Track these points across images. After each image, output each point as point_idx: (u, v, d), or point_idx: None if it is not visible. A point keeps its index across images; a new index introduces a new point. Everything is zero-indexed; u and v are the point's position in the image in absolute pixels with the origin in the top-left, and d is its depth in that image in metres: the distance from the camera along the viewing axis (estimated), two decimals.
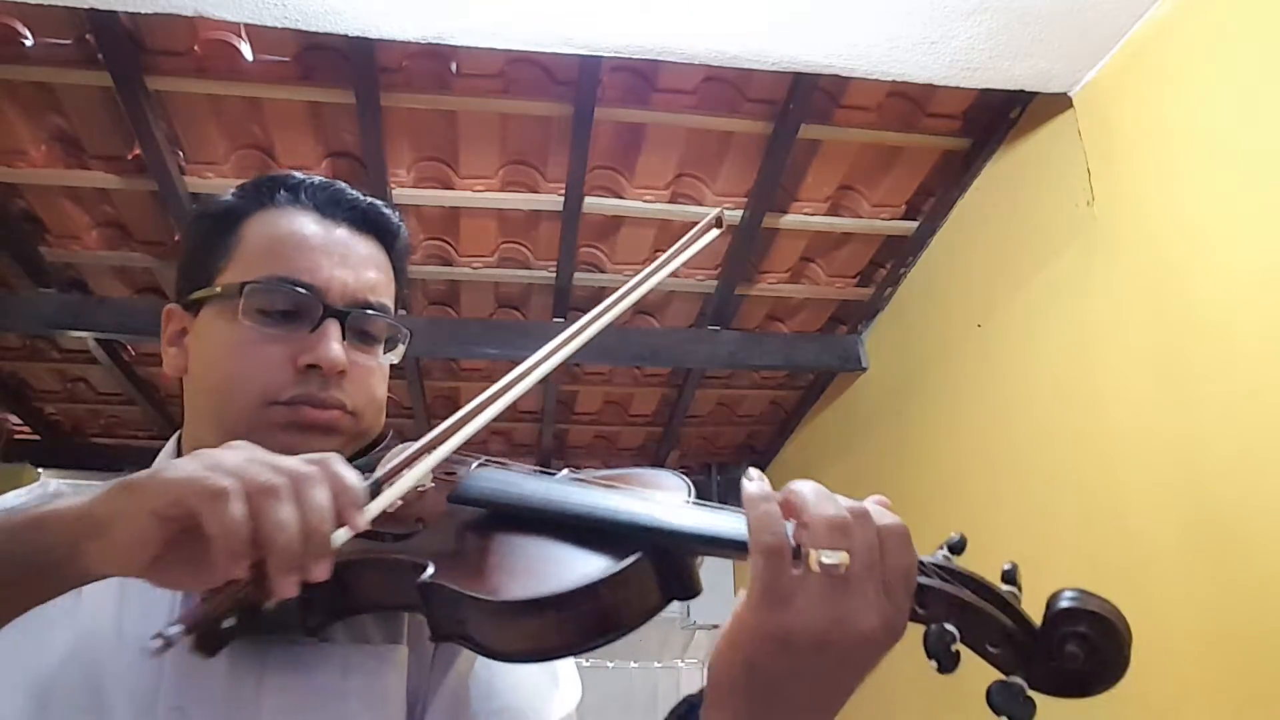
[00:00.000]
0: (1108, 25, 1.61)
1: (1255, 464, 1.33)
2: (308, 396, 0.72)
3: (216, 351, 0.74)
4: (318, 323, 0.73)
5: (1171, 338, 1.51)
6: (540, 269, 2.46)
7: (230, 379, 0.73)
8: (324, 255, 0.76)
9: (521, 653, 0.58)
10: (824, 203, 2.30)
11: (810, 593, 0.50)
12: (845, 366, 2.78)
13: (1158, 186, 1.56)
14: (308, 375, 0.72)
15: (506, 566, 0.60)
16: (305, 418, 0.72)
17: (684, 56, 1.69)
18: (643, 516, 0.58)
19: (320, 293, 0.74)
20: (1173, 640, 1.44)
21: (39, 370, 2.97)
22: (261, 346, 0.72)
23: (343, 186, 0.81)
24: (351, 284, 0.76)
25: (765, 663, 0.51)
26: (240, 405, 0.72)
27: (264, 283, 0.73)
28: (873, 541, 0.51)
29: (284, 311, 0.74)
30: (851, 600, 0.50)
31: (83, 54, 1.79)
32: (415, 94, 1.92)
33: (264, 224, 0.77)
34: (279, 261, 0.75)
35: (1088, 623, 0.51)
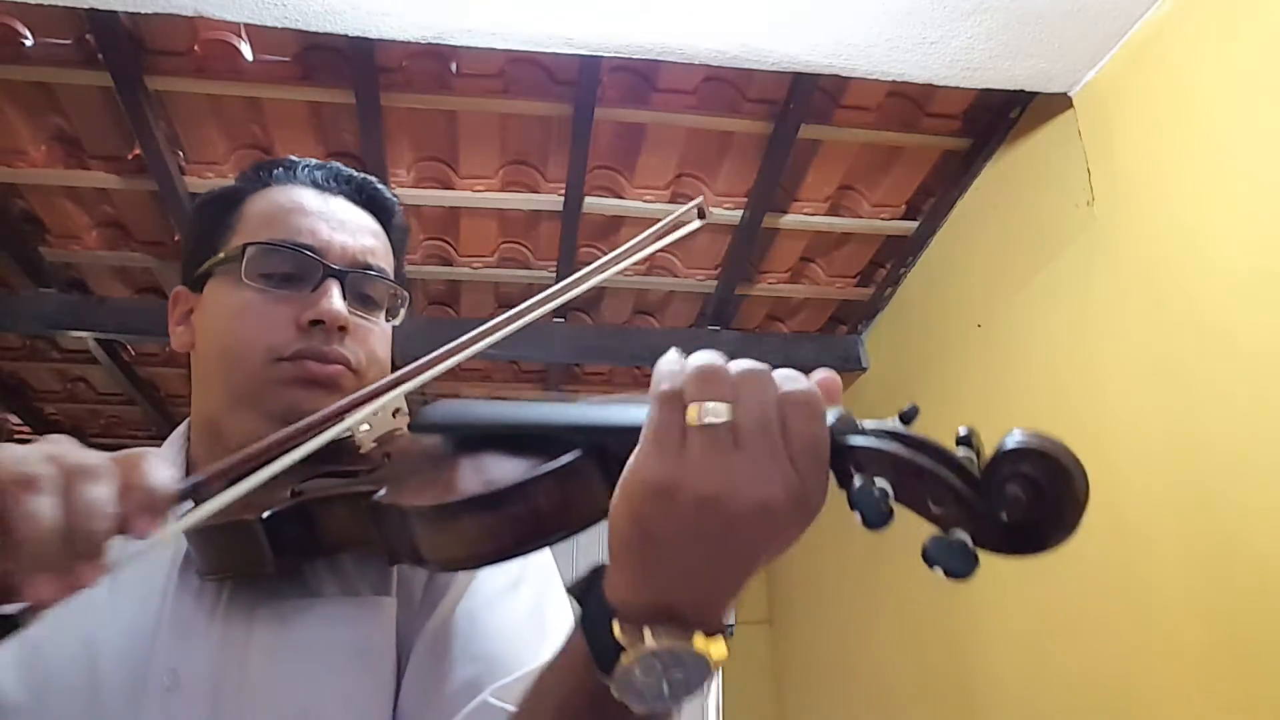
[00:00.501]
0: (1108, 25, 1.61)
1: (1255, 464, 1.33)
2: (312, 350, 0.74)
3: (223, 317, 0.76)
4: (319, 282, 0.75)
5: (1171, 338, 1.51)
6: (540, 269, 2.47)
7: (237, 340, 0.74)
8: (322, 220, 0.78)
9: (461, 558, 0.58)
10: (824, 203, 2.30)
11: (696, 447, 0.46)
12: (845, 366, 2.78)
13: (1158, 186, 1.56)
14: (311, 331, 0.74)
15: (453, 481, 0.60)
16: (309, 372, 0.73)
17: (684, 56, 1.69)
18: (578, 417, 0.58)
19: (320, 253, 0.76)
20: (1172, 640, 1.44)
21: (39, 370, 2.97)
22: (266, 307, 0.75)
23: (338, 166, 0.84)
24: (350, 247, 0.78)
25: (652, 517, 0.47)
26: (247, 365, 0.74)
27: (266, 243, 0.76)
28: (766, 402, 0.47)
29: (286, 274, 0.76)
30: (743, 462, 0.46)
31: (83, 54, 1.79)
32: (415, 94, 1.92)
33: (263, 200, 0.80)
34: (279, 227, 0.77)
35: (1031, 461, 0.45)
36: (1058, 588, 1.74)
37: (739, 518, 0.46)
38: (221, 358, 0.76)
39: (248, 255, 0.76)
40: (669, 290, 2.60)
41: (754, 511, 0.46)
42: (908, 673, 2.36)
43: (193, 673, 0.65)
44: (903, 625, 2.39)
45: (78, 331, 2.44)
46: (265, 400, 0.73)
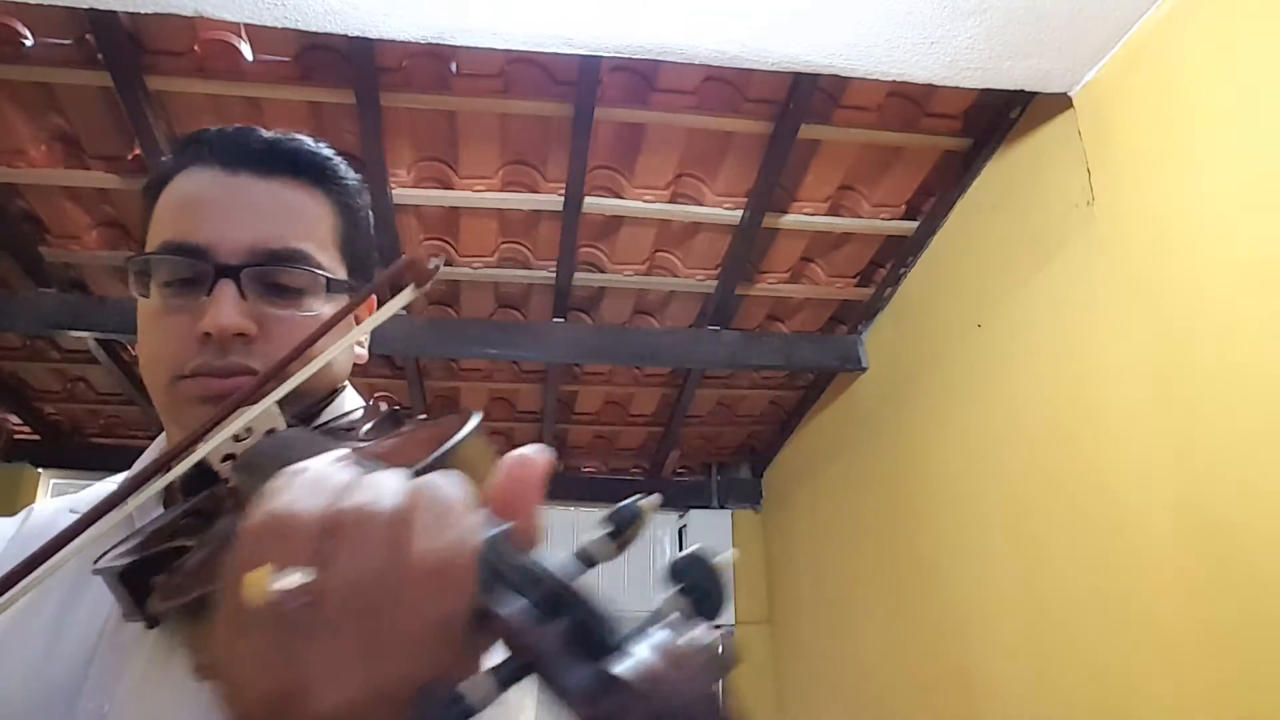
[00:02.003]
0: (1108, 25, 1.61)
1: (1254, 464, 1.33)
2: (206, 366, 0.67)
3: (140, 329, 0.72)
4: (211, 286, 0.68)
5: (1171, 337, 1.51)
6: (540, 269, 2.47)
7: (146, 357, 0.71)
8: (214, 210, 0.70)
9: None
10: (824, 203, 2.30)
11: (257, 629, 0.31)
12: (845, 366, 2.78)
13: (1158, 186, 1.56)
14: (205, 344, 0.67)
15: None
16: (210, 389, 0.67)
17: (684, 56, 1.69)
18: None
19: (210, 253, 0.68)
20: (1171, 640, 1.44)
21: (39, 370, 2.97)
22: (166, 319, 0.69)
23: (252, 130, 0.75)
24: (249, 237, 0.69)
25: None
26: (157, 383, 0.70)
27: (152, 255, 0.70)
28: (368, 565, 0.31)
29: (182, 280, 0.69)
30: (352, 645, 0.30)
31: (83, 54, 1.79)
32: (415, 94, 1.92)
33: (170, 191, 0.73)
34: (172, 228, 0.70)
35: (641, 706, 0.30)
36: (1057, 588, 1.74)
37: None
38: (144, 374, 0.72)
39: (137, 270, 0.70)
40: (669, 290, 2.60)
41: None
42: (908, 673, 2.36)
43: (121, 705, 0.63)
44: (903, 625, 2.39)
45: (78, 331, 2.44)
46: (179, 418, 0.69)
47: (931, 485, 2.31)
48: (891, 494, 2.54)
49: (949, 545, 2.19)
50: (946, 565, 2.17)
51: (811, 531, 3.19)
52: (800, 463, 3.40)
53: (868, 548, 2.68)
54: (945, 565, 2.18)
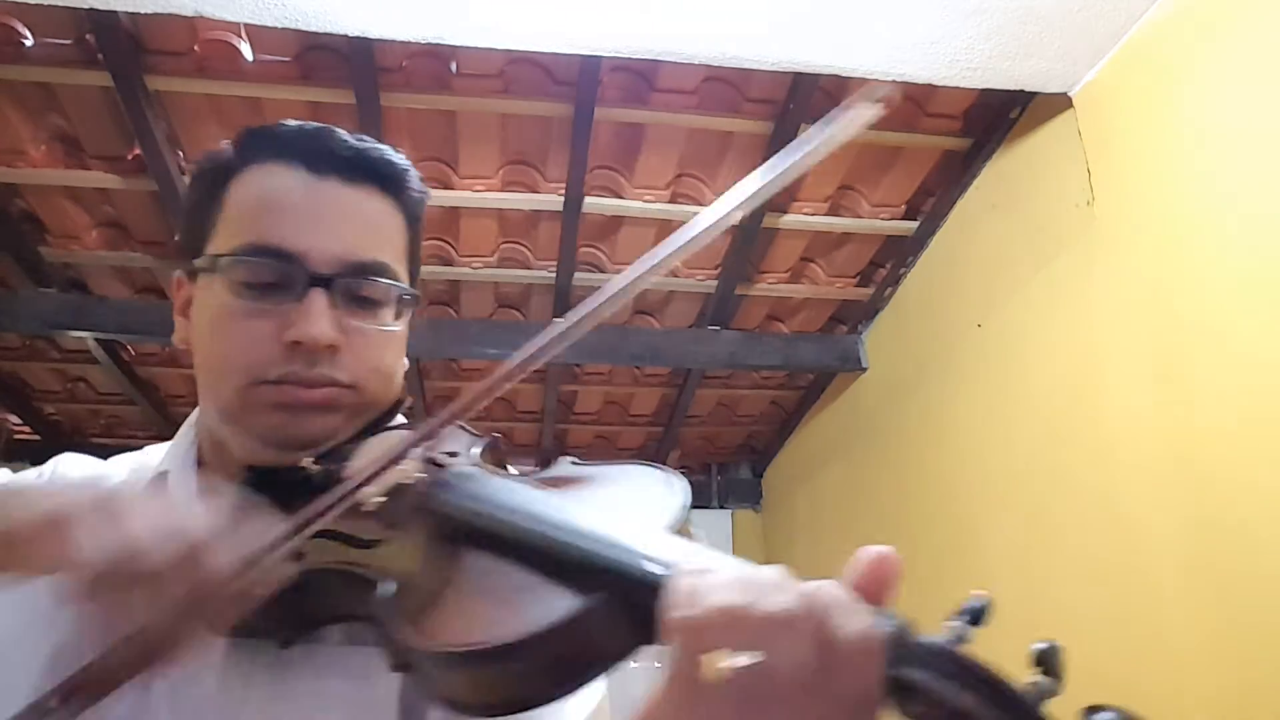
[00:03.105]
0: (1108, 25, 1.61)
1: (1255, 464, 1.33)
2: (295, 376, 0.66)
3: (207, 327, 0.70)
4: (303, 294, 0.67)
5: (1171, 338, 1.51)
6: (540, 269, 2.47)
7: (220, 357, 0.68)
8: (307, 216, 0.69)
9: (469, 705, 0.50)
10: (824, 203, 2.30)
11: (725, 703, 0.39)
12: (845, 366, 2.78)
13: (1158, 186, 1.56)
14: (294, 352, 0.66)
15: (462, 605, 0.53)
16: (294, 398, 0.67)
17: (684, 56, 1.69)
18: (605, 555, 0.49)
19: (302, 260, 0.67)
20: (1172, 641, 1.44)
21: (39, 370, 2.97)
22: (247, 322, 0.67)
23: (334, 132, 0.73)
24: (339, 246, 0.69)
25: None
26: (230, 384, 0.68)
27: (241, 254, 0.68)
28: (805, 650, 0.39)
29: (268, 283, 0.68)
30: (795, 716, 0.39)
31: (83, 54, 1.79)
32: (415, 94, 1.92)
33: (247, 185, 0.71)
34: (258, 228, 0.68)
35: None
36: (1057, 588, 1.74)
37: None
38: (209, 372, 0.70)
39: (220, 268, 0.68)
40: (669, 290, 2.60)
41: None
42: None
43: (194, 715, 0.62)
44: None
45: (78, 331, 2.44)
46: (250, 422, 0.68)
47: (932, 485, 2.31)
48: (892, 494, 2.54)
49: (949, 545, 2.19)
50: (947, 565, 2.17)
51: (811, 531, 3.19)
52: (800, 463, 3.40)
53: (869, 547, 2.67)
54: (946, 565, 2.18)
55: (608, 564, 0.49)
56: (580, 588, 0.48)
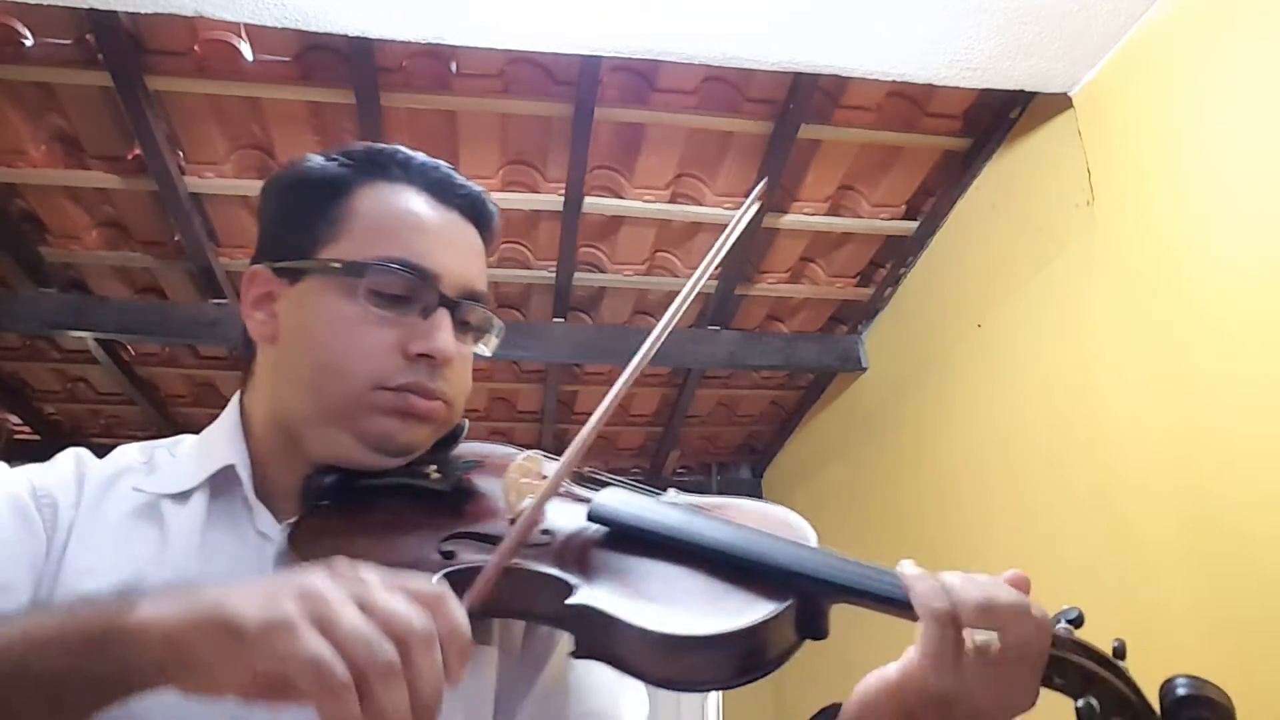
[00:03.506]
0: (1108, 25, 1.61)
1: (1256, 464, 1.33)
2: (417, 385, 0.71)
3: (324, 327, 0.72)
4: (430, 310, 0.72)
5: (1171, 337, 1.51)
6: (540, 269, 2.47)
7: (339, 357, 0.71)
8: (439, 241, 0.75)
9: (674, 681, 0.59)
10: (824, 203, 2.30)
11: (972, 668, 0.57)
12: (845, 366, 2.78)
13: (1158, 186, 1.56)
14: (417, 363, 0.71)
15: (661, 595, 0.61)
16: (411, 406, 0.71)
17: (684, 56, 1.69)
18: (798, 563, 0.62)
19: (436, 280, 0.73)
20: (1173, 641, 1.44)
21: (39, 370, 2.97)
22: (373, 328, 0.71)
23: (450, 170, 0.80)
24: (462, 273, 0.75)
25: (918, 715, 0.60)
26: (347, 386, 0.71)
27: (386, 263, 0.72)
28: (1030, 634, 0.58)
29: (397, 295, 0.72)
30: (1004, 680, 0.58)
31: (83, 54, 1.79)
32: (415, 94, 1.92)
33: (378, 199, 0.75)
34: (397, 242, 0.73)
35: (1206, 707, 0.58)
36: (1059, 587, 1.74)
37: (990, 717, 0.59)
38: (317, 369, 0.72)
39: (366, 274, 0.72)
40: (669, 290, 2.60)
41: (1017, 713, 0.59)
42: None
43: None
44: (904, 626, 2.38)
45: (78, 331, 2.44)
46: (360, 424, 0.71)
47: (932, 485, 2.31)
48: (892, 494, 2.54)
49: (950, 544, 2.19)
50: (947, 564, 2.17)
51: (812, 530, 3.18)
52: (800, 463, 3.40)
53: (868, 547, 2.67)
54: (946, 564, 2.17)
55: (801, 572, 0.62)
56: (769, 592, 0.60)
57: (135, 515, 0.71)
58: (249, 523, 0.72)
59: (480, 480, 0.74)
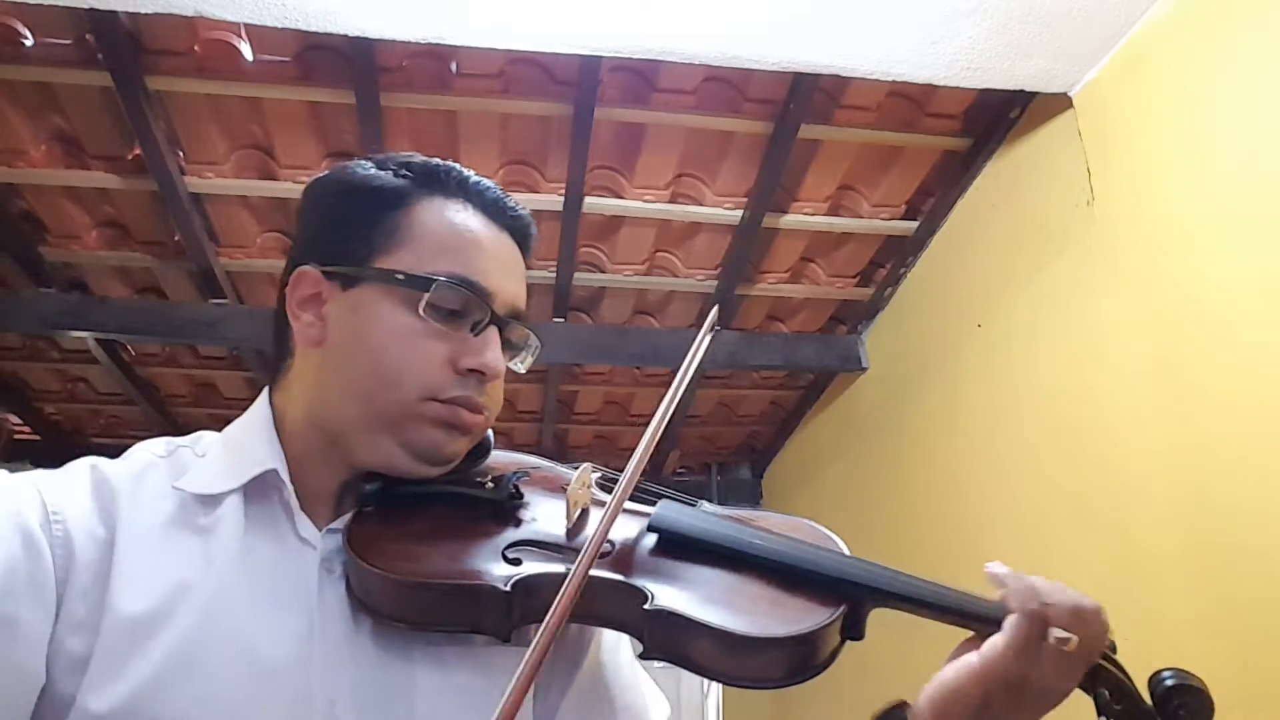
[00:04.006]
0: (1108, 25, 1.61)
1: (1256, 464, 1.33)
2: (466, 400, 0.74)
3: (380, 335, 0.73)
4: (483, 327, 0.75)
5: (1171, 338, 1.51)
6: (540, 269, 2.46)
7: (393, 367, 0.72)
8: (494, 260, 0.77)
9: (736, 678, 0.66)
10: (824, 203, 2.30)
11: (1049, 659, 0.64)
12: (845, 366, 2.78)
13: (1158, 186, 1.56)
14: (468, 378, 0.74)
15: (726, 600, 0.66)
16: (459, 419, 0.74)
17: (684, 56, 1.69)
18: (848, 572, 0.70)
19: (491, 299, 0.75)
20: (1173, 638, 1.44)
21: (39, 370, 2.97)
22: (427, 341, 0.73)
23: (501, 191, 0.82)
24: (512, 294, 0.78)
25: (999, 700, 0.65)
26: (398, 395, 0.72)
27: (451, 281, 0.74)
28: (1098, 636, 0.66)
29: (453, 310, 0.74)
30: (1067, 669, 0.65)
31: (83, 54, 1.79)
32: (415, 94, 1.92)
33: (439, 214, 0.77)
34: (460, 259, 0.75)
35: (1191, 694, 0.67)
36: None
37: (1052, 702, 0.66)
38: (369, 377, 0.73)
39: (432, 288, 0.73)
40: (669, 290, 2.60)
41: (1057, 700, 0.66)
42: (908, 673, 2.36)
43: (351, 706, 0.65)
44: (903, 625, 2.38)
45: (78, 331, 2.44)
46: (407, 433, 0.73)
47: (932, 485, 2.31)
48: (892, 494, 2.54)
49: (950, 544, 2.19)
50: (947, 563, 2.17)
51: None
52: (800, 463, 3.40)
53: (868, 548, 2.67)
54: (946, 563, 2.18)
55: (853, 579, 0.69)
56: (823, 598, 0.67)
57: (173, 521, 0.70)
58: (290, 528, 0.72)
59: (530, 491, 0.77)
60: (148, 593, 0.65)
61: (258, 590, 0.67)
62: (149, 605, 0.64)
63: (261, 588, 0.68)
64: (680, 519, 0.73)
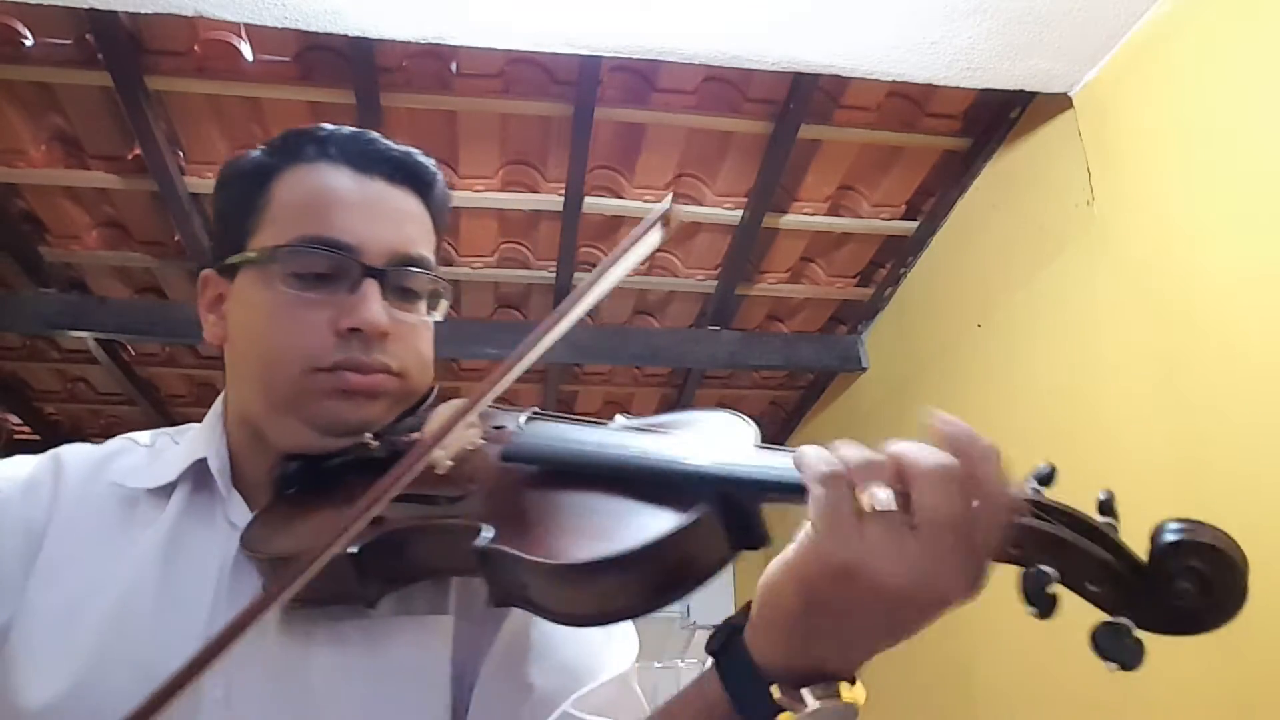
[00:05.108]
0: (1108, 25, 1.61)
1: (1255, 465, 1.33)
2: (351, 361, 0.70)
3: (256, 319, 0.72)
4: (356, 284, 0.71)
5: (1171, 337, 1.51)
6: (540, 269, 2.47)
7: (272, 348, 0.71)
8: (359, 211, 0.73)
9: (587, 616, 0.55)
10: (824, 203, 2.30)
11: (873, 534, 0.47)
12: (845, 366, 2.78)
13: (1158, 186, 1.56)
14: (349, 339, 0.70)
15: (568, 526, 0.57)
16: (349, 383, 0.70)
17: (684, 56, 1.69)
18: (705, 465, 0.55)
19: (357, 252, 0.71)
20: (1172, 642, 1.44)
21: (39, 370, 2.97)
22: (300, 311, 0.70)
23: (374, 136, 0.78)
24: (389, 240, 0.73)
25: (826, 595, 0.49)
26: (284, 374, 0.70)
27: (297, 245, 0.71)
28: (951, 494, 0.48)
29: (321, 274, 0.71)
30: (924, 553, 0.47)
31: (83, 54, 1.79)
32: (415, 94, 1.92)
33: (294, 181, 0.74)
34: (312, 221, 0.72)
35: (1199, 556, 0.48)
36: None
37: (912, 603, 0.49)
38: (258, 362, 0.72)
39: (279, 258, 0.71)
40: (669, 290, 2.60)
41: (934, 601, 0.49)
42: (908, 672, 2.36)
43: (247, 689, 0.64)
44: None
45: (78, 331, 2.44)
46: (307, 410, 0.71)
47: None
48: None
49: None
50: None
51: None
52: None
53: None
54: None
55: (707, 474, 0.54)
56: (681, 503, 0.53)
57: (111, 509, 0.73)
58: (222, 513, 0.73)
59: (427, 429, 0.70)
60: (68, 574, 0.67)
61: (169, 580, 0.69)
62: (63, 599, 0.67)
63: (174, 577, 0.69)
64: (529, 441, 0.65)
